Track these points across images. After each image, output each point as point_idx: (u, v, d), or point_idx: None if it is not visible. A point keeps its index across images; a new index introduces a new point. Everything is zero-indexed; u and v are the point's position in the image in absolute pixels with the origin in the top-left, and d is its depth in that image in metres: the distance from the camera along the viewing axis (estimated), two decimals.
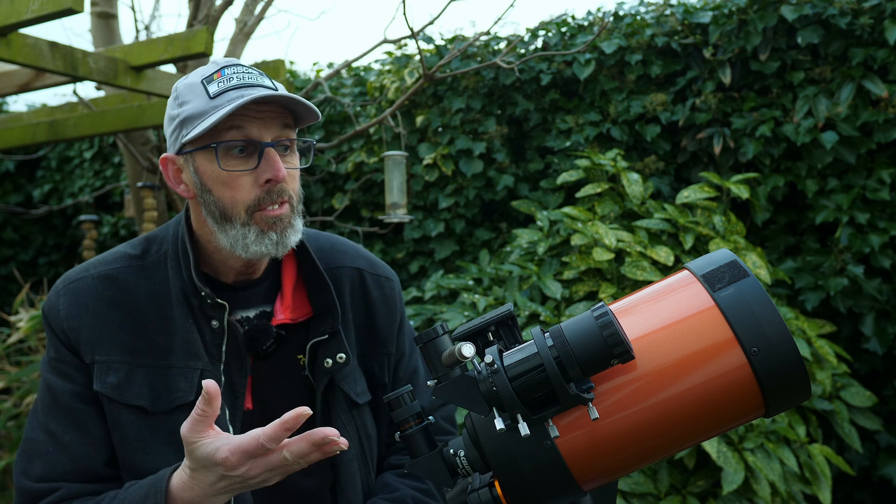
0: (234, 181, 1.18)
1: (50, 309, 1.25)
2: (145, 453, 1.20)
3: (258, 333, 1.29)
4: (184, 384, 1.22)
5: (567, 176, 3.35)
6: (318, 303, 1.34)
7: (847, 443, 3.06)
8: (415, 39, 2.71)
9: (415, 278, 4.47)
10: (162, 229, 1.33)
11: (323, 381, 1.31)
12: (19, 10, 2.27)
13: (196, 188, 1.23)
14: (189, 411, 1.21)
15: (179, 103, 1.21)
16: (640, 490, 2.44)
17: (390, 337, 1.43)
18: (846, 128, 3.39)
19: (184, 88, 1.21)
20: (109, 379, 1.20)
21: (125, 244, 1.33)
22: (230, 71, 1.20)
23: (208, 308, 1.24)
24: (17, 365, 3.87)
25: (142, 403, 1.20)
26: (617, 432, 0.82)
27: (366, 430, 1.36)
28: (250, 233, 1.19)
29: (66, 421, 1.21)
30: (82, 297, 1.23)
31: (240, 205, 1.19)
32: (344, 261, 1.42)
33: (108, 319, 1.22)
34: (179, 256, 1.26)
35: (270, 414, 1.30)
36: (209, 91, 1.17)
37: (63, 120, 3.46)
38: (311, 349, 1.32)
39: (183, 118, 1.19)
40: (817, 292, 3.41)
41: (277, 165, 1.18)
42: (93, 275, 1.26)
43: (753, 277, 0.81)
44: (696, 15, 3.84)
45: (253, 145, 1.18)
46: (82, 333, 1.21)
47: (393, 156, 3.44)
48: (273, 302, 1.33)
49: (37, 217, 6.10)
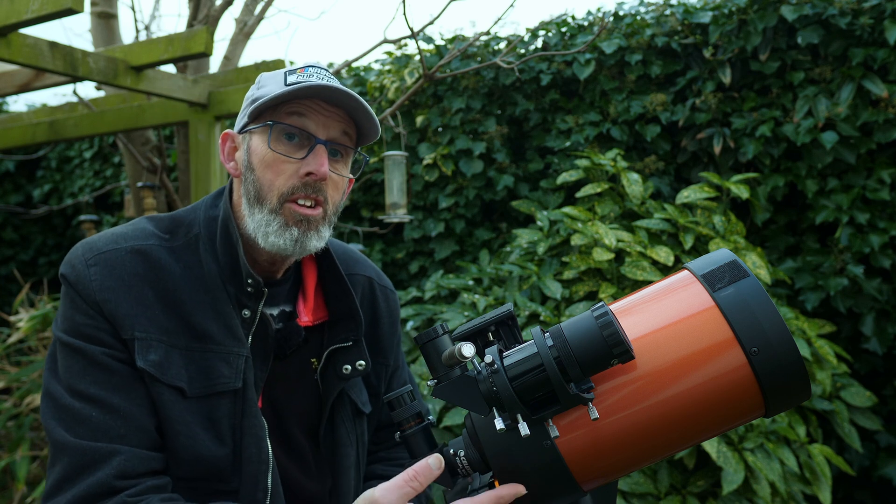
0: (277, 165, 1.19)
1: (78, 278, 1.15)
2: (187, 436, 1.15)
3: (289, 334, 1.28)
4: (227, 370, 1.18)
5: (567, 176, 3.35)
6: (337, 307, 1.33)
7: (847, 443, 3.06)
8: (415, 39, 2.70)
9: (415, 278, 4.47)
10: (189, 212, 1.29)
11: (337, 388, 1.31)
12: (19, 10, 2.27)
13: (243, 166, 1.23)
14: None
15: (258, 87, 1.23)
16: (640, 490, 2.44)
17: (390, 348, 1.45)
18: (846, 128, 3.39)
19: (266, 76, 1.25)
20: (151, 356, 1.14)
21: (146, 220, 1.27)
22: (313, 70, 1.22)
23: (244, 296, 1.22)
24: (17, 365, 3.87)
25: (181, 385, 1.15)
26: (617, 432, 0.82)
27: (363, 439, 1.37)
28: (274, 221, 1.18)
29: (109, 384, 1.12)
30: (116, 269, 1.16)
31: (275, 189, 1.19)
32: (357, 268, 1.43)
33: (143, 295, 1.17)
34: (217, 241, 1.23)
35: (278, 414, 1.29)
36: (287, 80, 1.19)
37: (63, 120, 3.46)
38: (328, 354, 1.31)
39: (254, 98, 1.21)
40: (817, 292, 3.41)
41: (322, 161, 1.18)
42: (125, 248, 1.19)
43: (753, 277, 0.81)
44: (696, 15, 3.84)
45: (307, 137, 1.19)
46: (120, 307, 1.14)
47: (393, 156, 3.44)
48: (293, 302, 1.32)
49: (37, 217, 6.10)
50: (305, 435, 1.32)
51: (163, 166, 3.30)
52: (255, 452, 1.19)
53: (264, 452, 1.20)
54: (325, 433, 1.33)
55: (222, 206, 1.26)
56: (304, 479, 1.31)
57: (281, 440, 1.29)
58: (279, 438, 1.29)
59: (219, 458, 1.17)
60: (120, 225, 1.28)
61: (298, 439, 1.31)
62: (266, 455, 1.20)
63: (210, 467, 1.16)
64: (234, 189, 1.29)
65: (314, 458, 1.33)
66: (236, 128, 1.27)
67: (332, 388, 1.31)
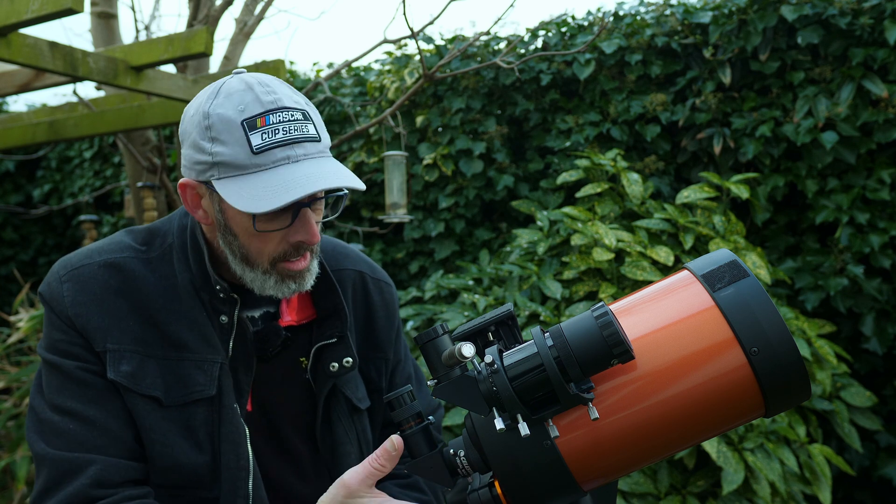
0: (264, 236, 1.14)
1: (52, 295, 1.18)
2: (164, 445, 1.16)
3: (268, 335, 1.27)
4: (202, 378, 1.18)
5: (567, 176, 3.35)
6: (323, 305, 1.32)
7: (847, 443, 3.06)
8: (415, 39, 2.71)
9: (415, 278, 4.47)
10: (164, 222, 1.29)
11: (327, 385, 1.30)
12: (19, 10, 2.27)
13: (218, 224, 1.17)
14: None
15: (212, 138, 1.09)
16: (640, 490, 2.44)
17: (388, 342, 1.42)
18: (846, 128, 3.39)
19: (219, 123, 1.08)
20: (123, 367, 1.15)
21: (124, 234, 1.27)
22: (274, 118, 1.08)
23: (218, 303, 1.21)
24: (17, 365, 3.87)
25: (156, 394, 1.16)
26: (617, 432, 0.82)
27: (365, 436, 1.35)
28: (270, 279, 1.18)
29: (85, 397, 1.14)
30: (88, 284, 1.17)
31: (265, 255, 1.16)
32: (347, 264, 1.40)
33: (116, 308, 1.17)
34: (188, 250, 1.23)
35: (270, 417, 1.28)
36: (251, 142, 1.07)
37: (63, 120, 3.46)
38: (315, 352, 1.30)
39: (216, 161, 1.09)
40: (817, 292, 3.41)
41: (311, 230, 1.14)
42: (98, 262, 1.20)
43: (753, 277, 0.81)
44: (696, 15, 3.84)
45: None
46: (91, 321, 1.16)
47: (393, 156, 3.44)
48: (277, 303, 1.31)
49: (37, 217, 6.10)
50: (302, 436, 1.31)
51: (163, 166, 3.30)
52: (234, 459, 1.19)
53: (243, 459, 1.19)
54: (322, 433, 1.31)
55: (189, 220, 1.25)
56: (298, 482, 1.30)
57: (273, 443, 1.28)
58: (271, 442, 1.28)
59: (198, 465, 1.17)
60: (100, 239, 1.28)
61: (293, 442, 1.30)
62: (245, 461, 1.19)
63: (189, 475, 1.17)
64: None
65: (312, 460, 1.32)
66: (192, 176, 1.14)
67: (323, 387, 1.30)
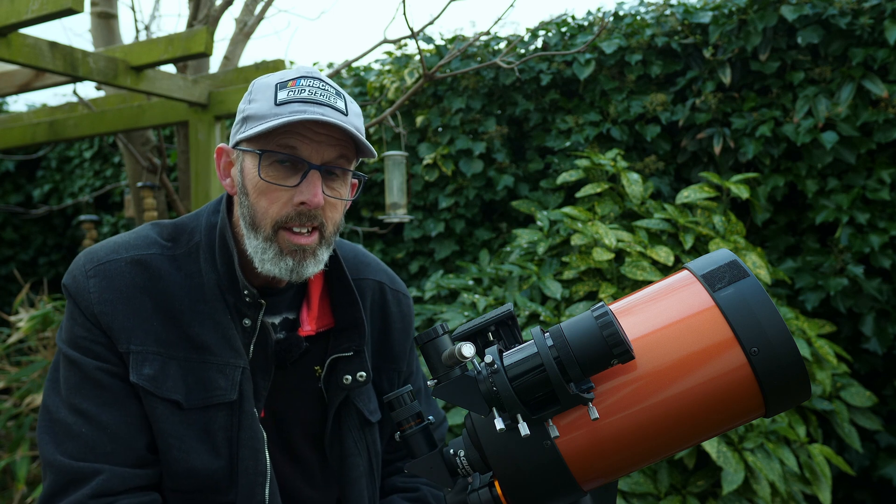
0: (271, 192, 1.15)
1: (78, 289, 1.16)
2: (180, 450, 1.15)
3: (290, 346, 1.25)
4: (223, 381, 1.18)
5: (567, 176, 3.35)
6: (343, 316, 1.30)
7: (847, 443, 3.06)
8: (415, 39, 2.70)
9: (415, 278, 4.47)
10: (192, 218, 1.28)
11: (339, 397, 1.29)
12: (19, 10, 2.27)
13: (238, 186, 1.20)
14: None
15: (250, 100, 1.18)
16: (640, 490, 2.44)
17: (403, 354, 1.41)
18: (846, 128, 3.39)
19: (258, 86, 1.18)
20: (146, 370, 1.14)
21: (150, 227, 1.27)
22: (305, 82, 1.15)
23: (243, 306, 1.20)
24: (17, 365, 3.87)
25: (177, 398, 1.15)
26: (617, 432, 0.82)
27: (375, 448, 1.34)
28: (269, 250, 1.16)
29: (100, 400, 1.13)
30: (115, 281, 1.16)
31: (269, 217, 1.16)
32: (367, 273, 1.39)
33: (141, 307, 1.16)
34: (215, 250, 1.22)
35: (281, 423, 1.27)
36: (277, 97, 1.14)
37: (63, 120, 3.46)
38: (330, 363, 1.29)
39: (246, 115, 1.17)
40: (817, 292, 3.41)
41: (316, 191, 1.14)
42: (125, 258, 1.19)
43: (753, 277, 0.81)
44: (696, 15, 3.84)
45: (300, 163, 1.15)
46: (116, 320, 1.14)
47: (393, 156, 3.44)
48: (297, 309, 1.29)
49: (37, 217, 6.10)
50: (310, 444, 1.31)
51: (163, 166, 3.30)
52: (252, 465, 1.18)
53: (262, 464, 1.19)
54: (332, 443, 1.30)
55: (220, 215, 1.24)
56: (306, 488, 1.29)
57: (283, 449, 1.28)
58: (281, 447, 1.27)
59: (214, 470, 1.16)
60: (124, 232, 1.27)
61: (302, 449, 1.29)
62: (263, 467, 1.19)
63: (205, 479, 1.16)
64: (234, 203, 1.26)
65: (321, 467, 1.31)
66: (231, 141, 1.22)
67: (335, 398, 1.29)
